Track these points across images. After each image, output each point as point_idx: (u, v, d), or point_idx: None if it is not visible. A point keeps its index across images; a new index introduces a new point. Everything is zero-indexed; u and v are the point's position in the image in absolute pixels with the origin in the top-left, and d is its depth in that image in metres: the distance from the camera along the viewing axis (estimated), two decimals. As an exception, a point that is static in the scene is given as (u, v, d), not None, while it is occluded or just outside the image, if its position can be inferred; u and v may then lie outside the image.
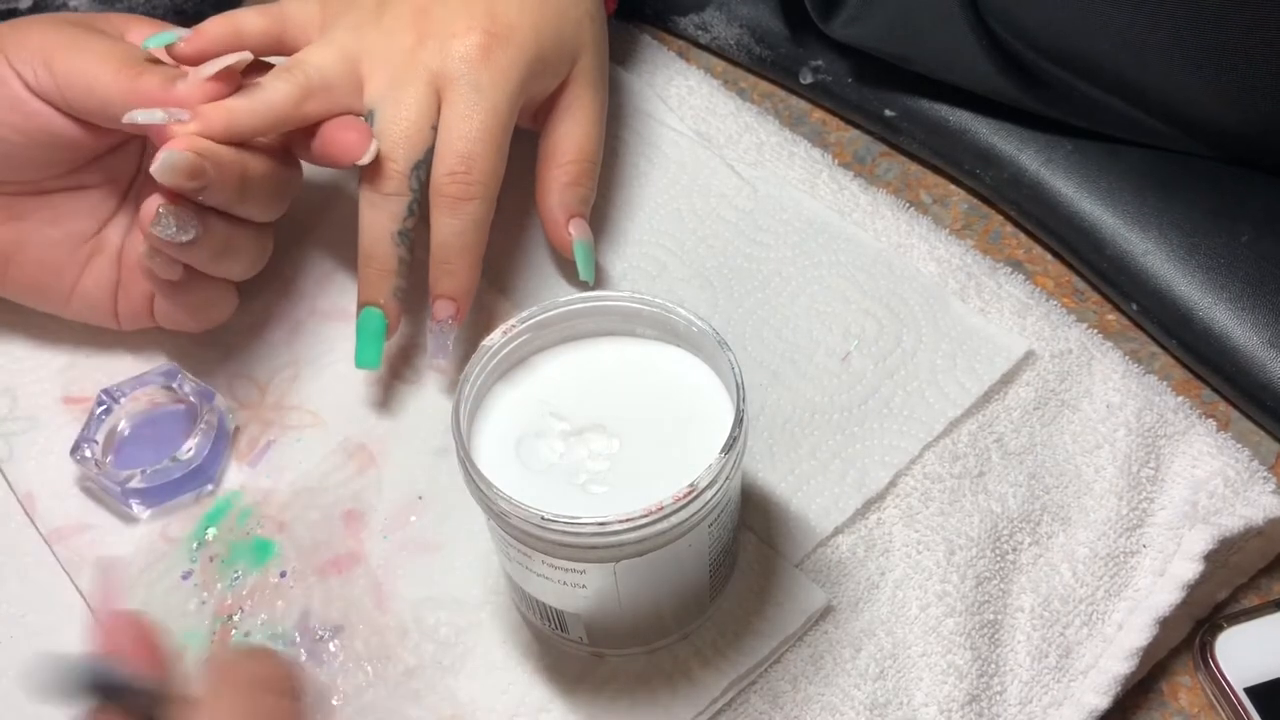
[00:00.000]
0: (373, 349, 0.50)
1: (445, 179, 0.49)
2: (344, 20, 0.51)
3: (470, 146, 0.49)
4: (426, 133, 0.49)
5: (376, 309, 0.50)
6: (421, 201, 0.50)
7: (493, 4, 0.50)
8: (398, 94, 0.49)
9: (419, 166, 0.49)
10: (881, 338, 0.52)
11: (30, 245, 0.50)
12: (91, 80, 0.46)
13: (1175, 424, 0.49)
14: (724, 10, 0.63)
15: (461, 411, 0.41)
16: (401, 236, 0.49)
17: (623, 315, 0.44)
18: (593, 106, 0.54)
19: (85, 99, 0.47)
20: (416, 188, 0.49)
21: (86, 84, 0.46)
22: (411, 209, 0.49)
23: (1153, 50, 0.50)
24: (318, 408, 0.53)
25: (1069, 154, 0.56)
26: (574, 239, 0.53)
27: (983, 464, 0.49)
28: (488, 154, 0.49)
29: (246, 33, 0.50)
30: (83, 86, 0.46)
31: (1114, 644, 0.45)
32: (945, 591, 0.46)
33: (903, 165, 0.60)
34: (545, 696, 0.46)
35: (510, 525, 0.40)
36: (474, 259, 0.50)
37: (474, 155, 0.49)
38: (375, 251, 0.49)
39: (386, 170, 0.49)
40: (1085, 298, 0.56)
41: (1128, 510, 0.48)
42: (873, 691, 0.45)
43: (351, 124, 0.49)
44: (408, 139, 0.49)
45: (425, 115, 0.49)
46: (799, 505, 0.49)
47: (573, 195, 0.54)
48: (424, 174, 0.49)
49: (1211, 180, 0.54)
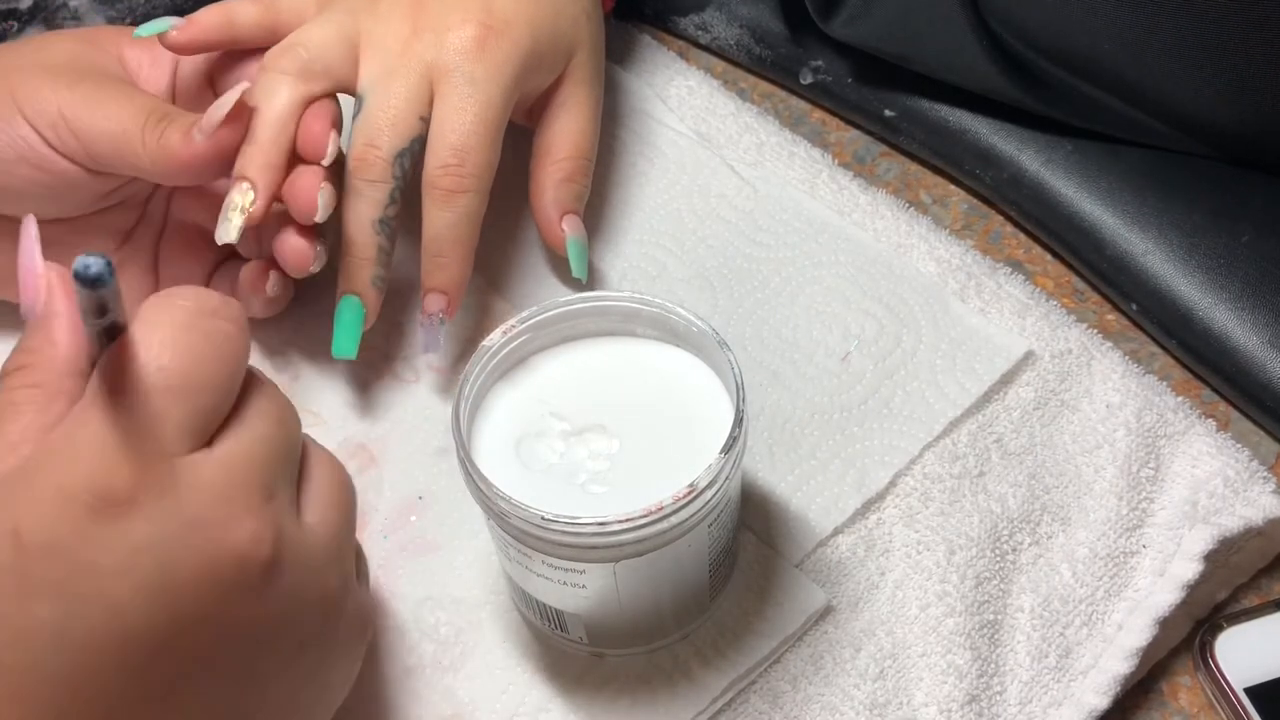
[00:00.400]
0: (350, 338, 0.50)
1: (438, 171, 0.49)
2: (341, 4, 0.51)
3: (463, 139, 0.49)
4: (413, 122, 0.49)
5: (355, 297, 0.50)
6: (404, 190, 0.49)
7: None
8: (389, 83, 0.49)
9: (403, 155, 0.49)
10: (881, 338, 0.52)
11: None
12: (119, 145, 0.47)
13: (1175, 424, 0.49)
14: (724, 10, 0.63)
15: (461, 412, 0.41)
16: (382, 224, 0.49)
17: (622, 315, 0.44)
18: (588, 103, 0.54)
19: (115, 162, 0.47)
20: (399, 175, 0.49)
21: (114, 149, 0.47)
22: (393, 197, 0.49)
23: (1153, 50, 0.50)
24: (318, 408, 0.53)
25: (1069, 154, 0.56)
26: (567, 236, 0.53)
27: (982, 464, 0.49)
28: (481, 147, 0.49)
29: (239, 21, 0.50)
30: (111, 151, 0.47)
31: (1114, 644, 0.45)
32: (945, 591, 0.46)
33: (902, 165, 0.60)
34: (545, 696, 0.46)
35: (510, 525, 0.40)
36: (466, 252, 0.50)
37: (467, 148, 0.49)
38: (355, 239, 0.49)
39: (369, 157, 0.49)
40: (1085, 298, 0.56)
41: (1128, 510, 0.48)
42: (872, 691, 0.45)
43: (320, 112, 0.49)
44: (393, 127, 0.49)
45: (414, 105, 0.49)
46: (799, 505, 0.49)
47: (567, 192, 0.53)
48: (408, 163, 0.49)
49: (1211, 180, 0.54)
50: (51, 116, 0.47)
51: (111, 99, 0.47)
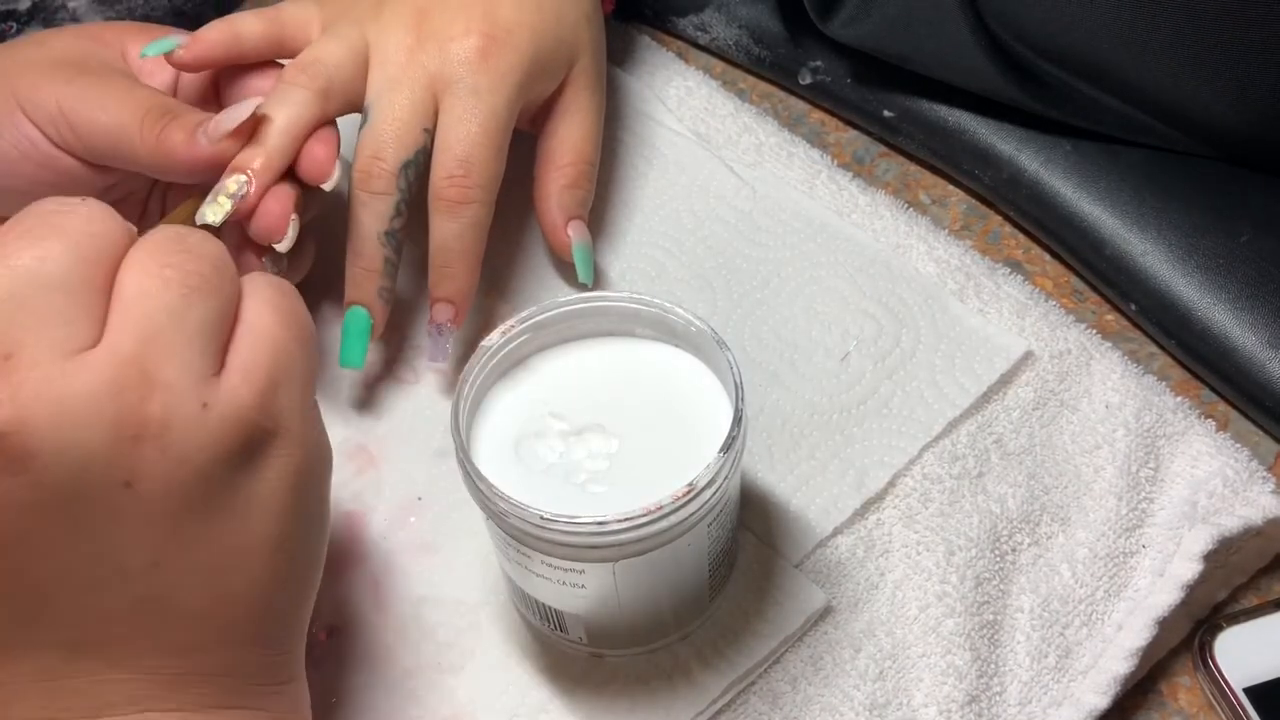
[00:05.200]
0: (357, 349, 0.50)
1: (444, 182, 0.49)
2: (346, 16, 0.51)
3: (469, 150, 0.49)
4: (418, 133, 0.49)
5: (362, 309, 0.50)
6: (410, 202, 0.50)
7: (491, 6, 0.50)
8: (393, 94, 0.49)
9: (408, 166, 0.49)
10: (880, 338, 0.52)
11: None
12: (116, 139, 0.46)
13: (1174, 424, 0.49)
14: (723, 11, 0.63)
15: (461, 412, 0.41)
16: (388, 237, 0.49)
17: (621, 316, 0.44)
18: (591, 108, 0.54)
19: (113, 157, 0.47)
20: (405, 187, 0.49)
21: (112, 144, 0.47)
22: (399, 209, 0.49)
23: (1153, 50, 0.50)
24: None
25: (1068, 154, 0.56)
26: (573, 241, 0.53)
27: (982, 464, 0.49)
28: (486, 158, 0.49)
29: (245, 36, 0.50)
30: (108, 146, 0.47)
31: (1113, 644, 0.45)
32: (945, 592, 0.46)
33: (902, 166, 0.60)
34: (544, 697, 0.46)
35: (509, 525, 0.40)
36: (473, 262, 0.50)
37: (472, 159, 0.49)
38: (362, 250, 0.49)
39: (375, 170, 0.49)
40: (1084, 298, 0.56)
41: (1127, 510, 0.48)
42: (872, 692, 0.45)
43: (324, 137, 0.49)
44: (398, 138, 0.49)
45: (418, 116, 0.49)
46: (798, 505, 0.49)
47: (571, 198, 0.54)
48: (413, 174, 0.49)
49: (1211, 180, 0.54)
50: (51, 112, 0.47)
51: (110, 93, 0.47)
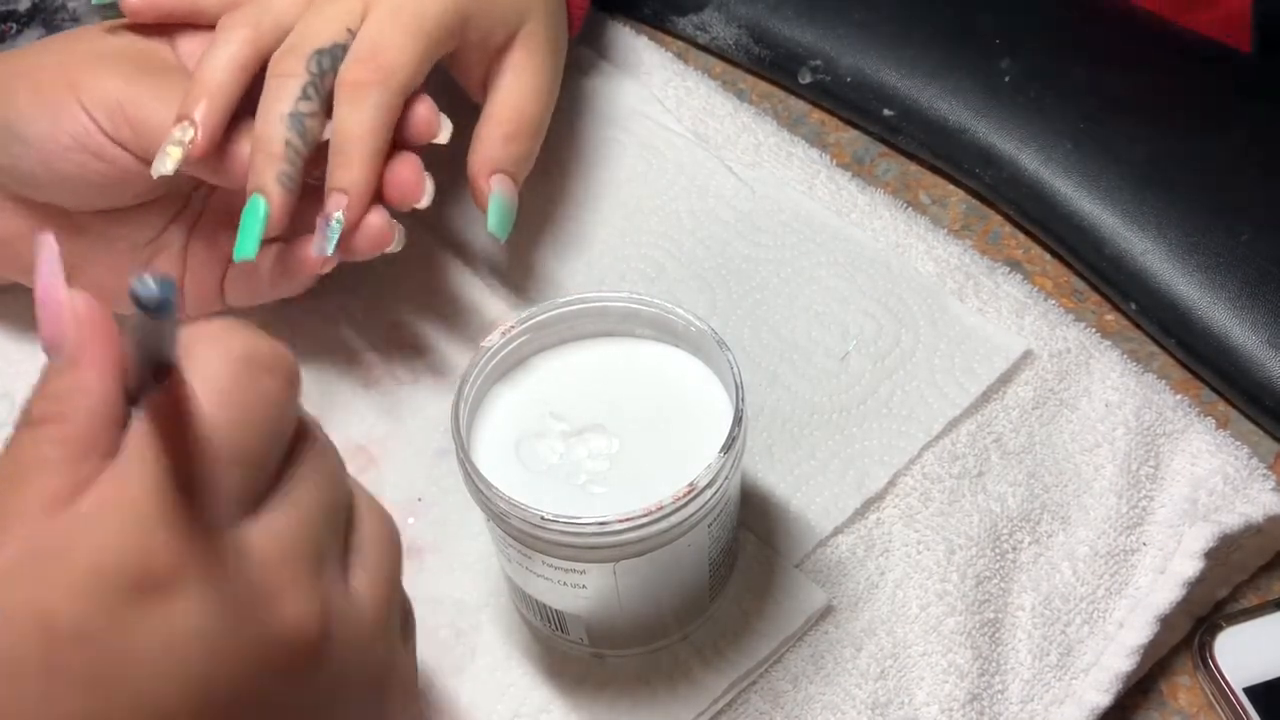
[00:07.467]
0: (250, 238, 0.47)
1: (349, 65, 0.47)
2: None
3: (381, 36, 0.47)
4: (339, 28, 0.48)
5: (259, 196, 0.47)
6: (321, 92, 0.48)
7: None
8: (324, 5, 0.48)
9: (321, 54, 0.48)
10: (880, 338, 0.52)
11: (96, 255, 0.50)
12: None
13: (1174, 422, 0.49)
14: (722, 10, 0.63)
15: (461, 412, 0.41)
16: (292, 119, 0.47)
17: (621, 316, 0.44)
18: (538, 70, 0.52)
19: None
20: (316, 73, 0.47)
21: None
22: (306, 93, 0.47)
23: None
24: (317, 409, 0.52)
25: (1068, 153, 0.56)
26: (492, 189, 0.50)
27: (982, 463, 0.49)
28: (398, 44, 0.47)
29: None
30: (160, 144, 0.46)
31: (1115, 641, 0.45)
32: (945, 591, 0.46)
33: (901, 165, 0.60)
34: (546, 698, 0.46)
35: (510, 526, 0.40)
36: (370, 150, 0.47)
37: (382, 45, 0.47)
38: (263, 133, 0.47)
39: (285, 56, 0.48)
40: (1084, 297, 0.56)
41: (1127, 508, 0.48)
42: (874, 691, 0.45)
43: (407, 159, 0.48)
44: (315, 30, 0.48)
45: (343, 16, 0.48)
46: (799, 505, 0.49)
47: (503, 152, 0.51)
48: (327, 63, 0.48)
49: (1211, 180, 0.54)
50: (110, 105, 0.46)
51: (171, 93, 0.47)
